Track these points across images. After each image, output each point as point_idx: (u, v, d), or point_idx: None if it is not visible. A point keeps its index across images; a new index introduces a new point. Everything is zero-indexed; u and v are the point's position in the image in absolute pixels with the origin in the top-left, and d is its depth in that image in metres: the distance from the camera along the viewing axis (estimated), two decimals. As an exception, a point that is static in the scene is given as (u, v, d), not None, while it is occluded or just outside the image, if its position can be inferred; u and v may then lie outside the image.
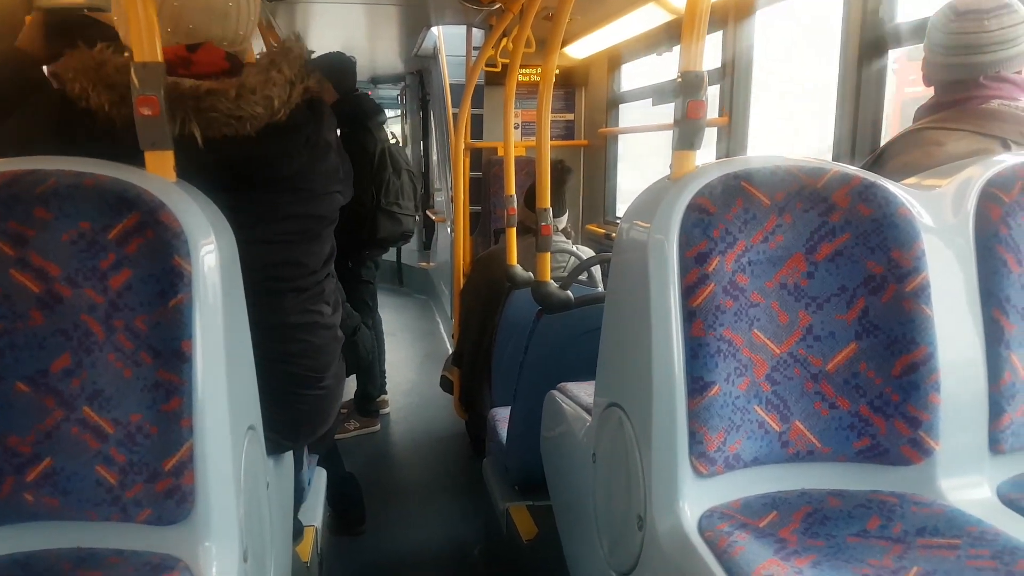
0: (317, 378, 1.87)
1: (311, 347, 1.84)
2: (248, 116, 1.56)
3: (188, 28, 1.60)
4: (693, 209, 1.36)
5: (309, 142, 1.69)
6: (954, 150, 1.73)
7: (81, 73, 1.49)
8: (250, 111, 1.56)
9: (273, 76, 1.60)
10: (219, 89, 1.54)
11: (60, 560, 1.21)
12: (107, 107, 1.48)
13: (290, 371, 1.81)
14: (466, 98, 4.28)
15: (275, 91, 1.59)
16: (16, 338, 1.23)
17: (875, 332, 1.36)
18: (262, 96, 1.58)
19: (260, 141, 1.60)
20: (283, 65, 1.63)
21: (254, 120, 1.57)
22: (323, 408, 1.96)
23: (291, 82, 1.63)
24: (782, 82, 3.86)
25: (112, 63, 1.50)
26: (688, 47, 1.40)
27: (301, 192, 1.72)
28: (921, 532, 1.24)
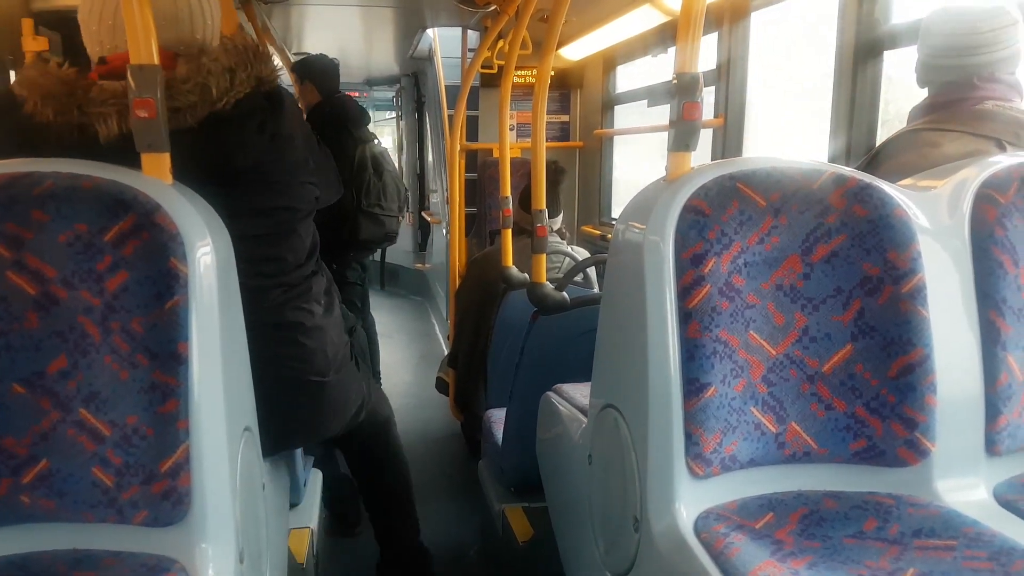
0: (313, 383, 1.86)
1: (304, 350, 1.83)
2: (184, 106, 1.53)
3: (163, 41, 1.54)
4: (689, 210, 1.36)
5: (265, 131, 1.65)
6: (949, 151, 1.73)
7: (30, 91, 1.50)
8: (184, 100, 1.52)
9: (205, 64, 1.56)
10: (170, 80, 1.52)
11: (56, 562, 1.21)
12: (52, 117, 1.48)
13: (281, 374, 1.79)
14: (461, 100, 4.28)
15: (211, 79, 1.55)
16: (12, 340, 1.23)
17: (871, 333, 1.36)
18: (195, 84, 1.54)
19: (205, 132, 1.56)
20: (219, 54, 1.59)
21: (192, 110, 1.54)
22: (320, 413, 1.95)
23: (230, 70, 1.59)
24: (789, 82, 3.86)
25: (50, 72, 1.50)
26: (683, 49, 1.41)
27: (265, 185, 1.70)
28: (917, 533, 1.25)
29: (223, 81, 1.57)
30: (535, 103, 2.67)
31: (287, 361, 1.81)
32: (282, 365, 1.79)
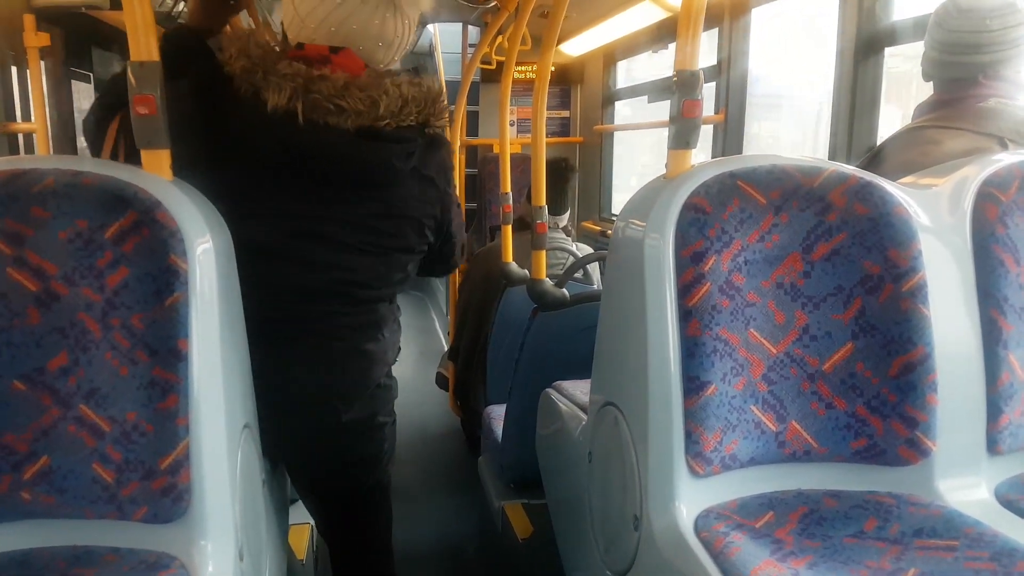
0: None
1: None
2: (349, 109, 1.60)
3: (358, 49, 1.68)
4: (689, 208, 1.36)
5: (408, 159, 1.71)
6: (951, 149, 1.73)
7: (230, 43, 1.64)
8: (352, 105, 1.60)
9: (385, 84, 1.64)
10: (330, 76, 1.60)
11: (56, 558, 1.21)
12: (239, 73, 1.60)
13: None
14: (462, 95, 4.27)
15: (384, 98, 1.62)
16: (13, 336, 1.22)
17: (872, 332, 1.36)
18: (367, 95, 1.61)
19: (356, 138, 1.63)
20: (401, 81, 1.67)
21: (355, 116, 1.61)
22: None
23: (405, 99, 1.65)
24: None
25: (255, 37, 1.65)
26: (683, 45, 1.40)
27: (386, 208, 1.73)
28: (919, 533, 1.25)
29: (394, 104, 1.64)
30: (535, 99, 2.67)
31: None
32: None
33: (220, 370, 1.29)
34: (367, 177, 1.69)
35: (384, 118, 1.63)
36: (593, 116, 5.46)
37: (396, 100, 1.64)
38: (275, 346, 1.65)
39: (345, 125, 1.61)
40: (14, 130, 2.99)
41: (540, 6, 3.22)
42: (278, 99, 1.57)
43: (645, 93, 4.74)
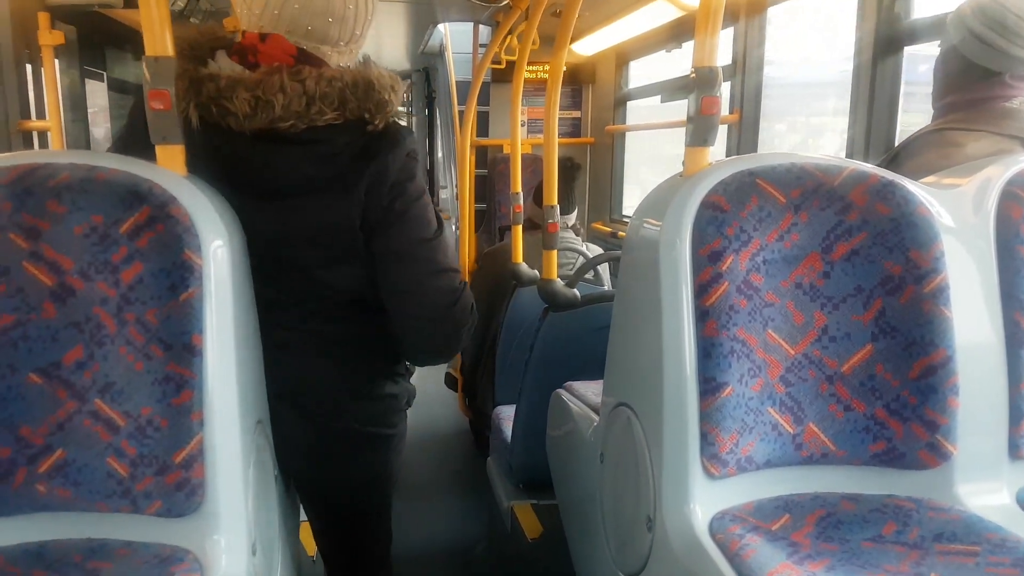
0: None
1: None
2: (235, 111, 1.47)
3: (306, 30, 1.55)
4: (706, 206, 1.34)
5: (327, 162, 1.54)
6: (973, 151, 1.70)
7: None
8: (238, 107, 1.47)
9: (279, 80, 1.48)
10: (217, 75, 1.49)
11: (71, 551, 1.21)
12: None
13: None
14: (472, 95, 4.27)
15: (279, 97, 1.47)
16: (29, 330, 1.22)
17: (892, 334, 1.35)
18: (253, 96, 1.47)
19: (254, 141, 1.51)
20: (307, 75, 1.50)
21: (245, 119, 1.48)
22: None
23: (311, 96, 1.49)
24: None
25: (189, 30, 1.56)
26: (702, 42, 1.39)
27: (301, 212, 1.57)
28: (939, 538, 1.23)
29: (296, 104, 1.48)
30: (548, 99, 2.66)
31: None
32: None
33: (234, 365, 1.29)
34: (268, 184, 1.54)
35: (285, 119, 1.48)
36: (604, 116, 5.45)
37: (298, 98, 1.48)
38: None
39: (242, 128, 1.48)
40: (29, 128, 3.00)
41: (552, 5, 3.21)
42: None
43: (658, 93, 4.73)
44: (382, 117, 1.57)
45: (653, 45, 4.61)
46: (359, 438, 1.74)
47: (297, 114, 1.49)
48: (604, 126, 5.44)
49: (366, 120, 1.55)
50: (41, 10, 2.92)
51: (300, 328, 1.64)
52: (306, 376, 1.66)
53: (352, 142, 1.55)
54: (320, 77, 1.51)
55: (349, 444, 1.73)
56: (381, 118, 1.57)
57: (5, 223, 1.22)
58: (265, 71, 1.50)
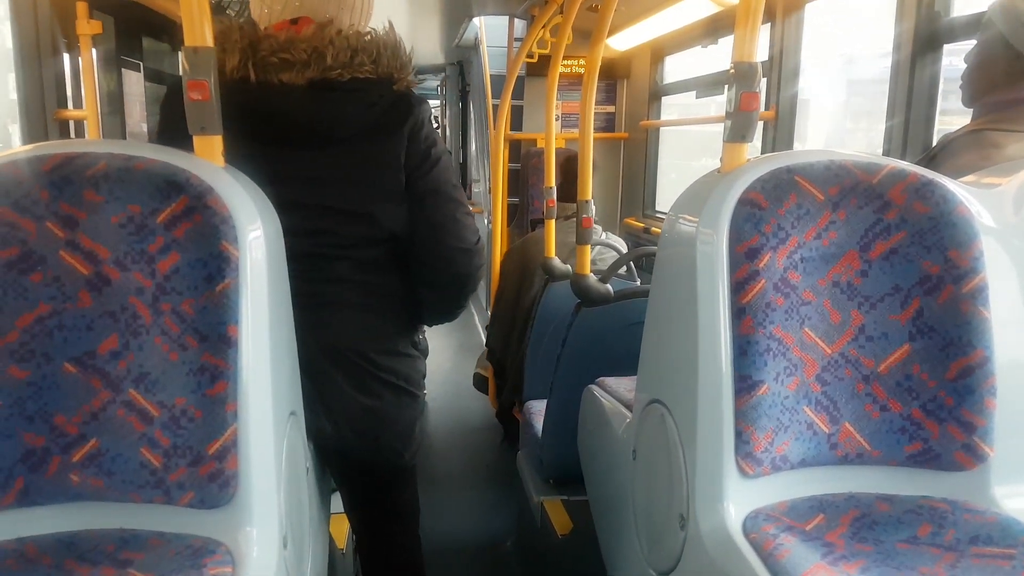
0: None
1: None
2: (295, 60, 1.65)
3: (325, 18, 1.73)
4: (744, 203, 1.33)
5: (368, 110, 1.72)
6: (1013, 153, 1.67)
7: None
8: (297, 56, 1.65)
9: (328, 34, 1.67)
10: (274, 34, 1.67)
11: (103, 541, 1.22)
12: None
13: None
14: (507, 89, 4.27)
15: (330, 48, 1.66)
16: (65, 319, 1.23)
17: (930, 334, 1.33)
18: (310, 46, 1.66)
19: (308, 90, 1.67)
20: (349, 33, 1.71)
21: (302, 68, 1.65)
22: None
23: (354, 49, 1.69)
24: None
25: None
26: (742, 36, 1.38)
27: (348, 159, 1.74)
28: (974, 540, 1.21)
29: (343, 55, 1.68)
30: (584, 93, 2.65)
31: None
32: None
33: (268, 357, 1.29)
34: (324, 130, 1.71)
35: (334, 68, 1.67)
36: (639, 111, 5.42)
37: (344, 50, 1.68)
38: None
39: (297, 81, 1.66)
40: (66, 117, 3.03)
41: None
42: (232, 62, 1.63)
43: (693, 88, 4.70)
44: (404, 78, 1.78)
45: (689, 41, 4.58)
46: (394, 394, 1.86)
47: (343, 64, 1.68)
48: (638, 121, 5.41)
49: (393, 79, 1.76)
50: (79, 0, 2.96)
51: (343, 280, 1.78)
52: (349, 335, 1.79)
53: (384, 96, 1.75)
54: (359, 34, 1.73)
55: (387, 400, 1.85)
56: (403, 79, 1.78)
57: (43, 212, 1.23)
58: (316, 27, 1.69)
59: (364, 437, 1.87)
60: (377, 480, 2.03)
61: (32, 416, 1.23)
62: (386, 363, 1.84)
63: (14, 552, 1.19)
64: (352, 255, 1.78)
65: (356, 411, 1.81)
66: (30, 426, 1.23)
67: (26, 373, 1.23)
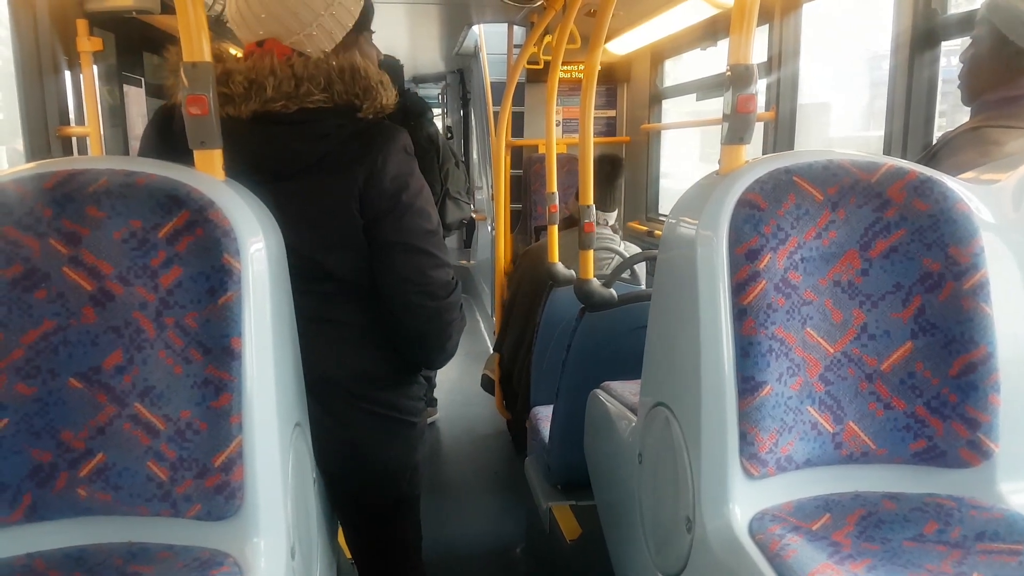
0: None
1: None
2: (231, 94, 1.57)
3: (288, 30, 1.64)
4: (743, 204, 1.33)
5: (318, 142, 1.61)
6: (1013, 150, 1.67)
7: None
8: (234, 90, 1.57)
9: (267, 63, 1.58)
10: (227, 66, 1.58)
11: (112, 555, 1.22)
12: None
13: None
14: (507, 96, 4.27)
15: (270, 79, 1.57)
16: (69, 335, 1.24)
17: (932, 331, 1.33)
18: (245, 79, 1.57)
19: (250, 124, 1.59)
20: (295, 60, 1.60)
21: (241, 102, 1.57)
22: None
23: (299, 78, 1.58)
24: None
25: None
26: (737, 39, 1.38)
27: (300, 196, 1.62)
28: (981, 537, 1.21)
29: (285, 85, 1.57)
30: (583, 98, 2.66)
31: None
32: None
33: (272, 369, 1.30)
34: (269, 166, 1.59)
35: (276, 99, 1.57)
36: (640, 115, 5.43)
37: (287, 79, 1.57)
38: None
39: (239, 114, 1.58)
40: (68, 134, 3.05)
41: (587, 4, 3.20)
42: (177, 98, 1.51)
43: (693, 91, 4.70)
44: (371, 105, 1.64)
45: (688, 43, 4.58)
46: (379, 424, 1.78)
47: (287, 95, 1.57)
48: (639, 125, 5.42)
49: (355, 106, 1.62)
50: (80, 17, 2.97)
51: (311, 317, 1.64)
52: (323, 365, 1.68)
53: (343, 125, 1.62)
54: (307, 61, 1.60)
55: (371, 431, 1.77)
56: (370, 106, 1.63)
57: (45, 229, 1.24)
58: (256, 56, 1.60)
59: (349, 470, 1.80)
60: (373, 512, 1.94)
61: (39, 432, 1.24)
62: (367, 392, 1.75)
63: (23, 568, 1.19)
64: (314, 289, 1.65)
65: (336, 444, 1.73)
66: (37, 442, 1.23)
67: (32, 390, 1.23)
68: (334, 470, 1.78)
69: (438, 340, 1.79)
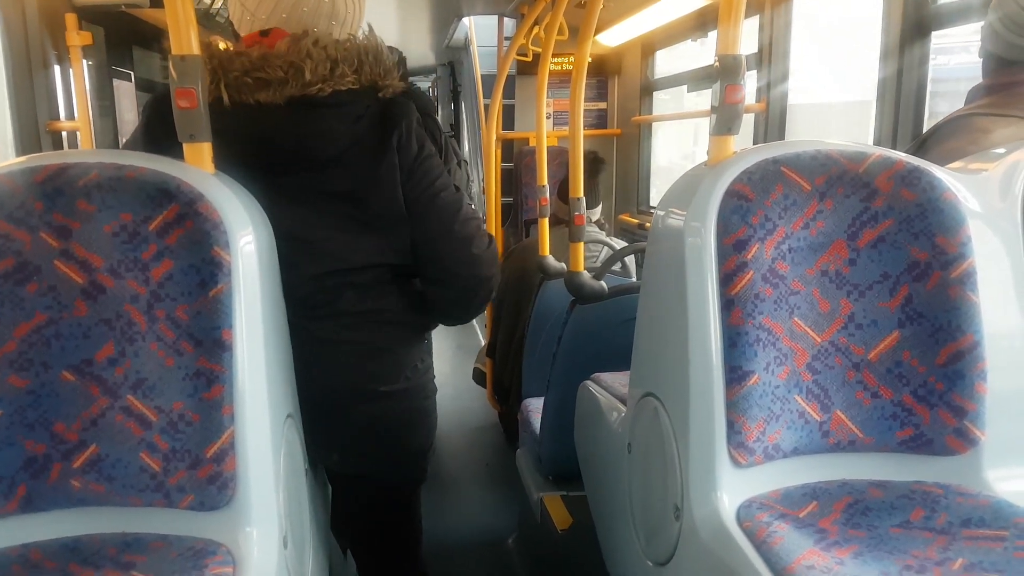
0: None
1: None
2: (271, 78, 1.56)
3: (312, 32, 1.63)
4: (731, 195, 1.34)
5: (355, 123, 1.63)
6: (1001, 138, 1.67)
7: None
8: (273, 74, 1.55)
9: (305, 46, 1.58)
10: (246, 51, 1.57)
11: (106, 545, 1.23)
12: None
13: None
14: (498, 88, 4.27)
15: (308, 62, 1.57)
16: (61, 328, 1.25)
17: (919, 320, 1.34)
18: (286, 62, 1.56)
19: (288, 109, 1.58)
20: (327, 43, 1.60)
21: (280, 86, 1.56)
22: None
23: (334, 60, 1.59)
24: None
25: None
26: (725, 30, 1.38)
27: (340, 178, 1.65)
28: (966, 523, 1.22)
29: (322, 68, 1.58)
30: (572, 90, 2.66)
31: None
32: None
33: (263, 360, 1.31)
34: (311, 150, 1.62)
35: (314, 83, 1.58)
36: (631, 107, 5.43)
37: (323, 62, 1.58)
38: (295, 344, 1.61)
39: (275, 100, 1.57)
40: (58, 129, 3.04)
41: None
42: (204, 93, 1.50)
43: (684, 83, 4.71)
44: (391, 83, 1.67)
45: (679, 34, 4.59)
46: (410, 414, 1.84)
47: (323, 77, 1.58)
48: (630, 117, 5.42)
49: (377, 86, 1.65)
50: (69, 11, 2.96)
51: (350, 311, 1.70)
52: (341, 368, 1.72)
53: (371, 106, 1.65)
54: (337, 43, 1.62)
55: (401, 414, 1.82)
56: (389, 87, 1.67)
57: (36, 223, 1.24)
58: (289, 41, 1.58)
59: (374, 456, 1.83)
60: (387, 499, 1.96)
61: (32, 424, 1.24)
62: (404, 376, 1.79)
63: (19, 558, 1.20)
64: (356, 281, 1.70)
65: (361, 430, 1.78)
66: (31, 434, 1.24)
67: (25, 382, 1.24)
68: (354, 457, 1.82)
69: (476, 294, 1.84)
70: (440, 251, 1.74)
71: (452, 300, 1.83)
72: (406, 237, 1.72)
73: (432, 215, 1.73)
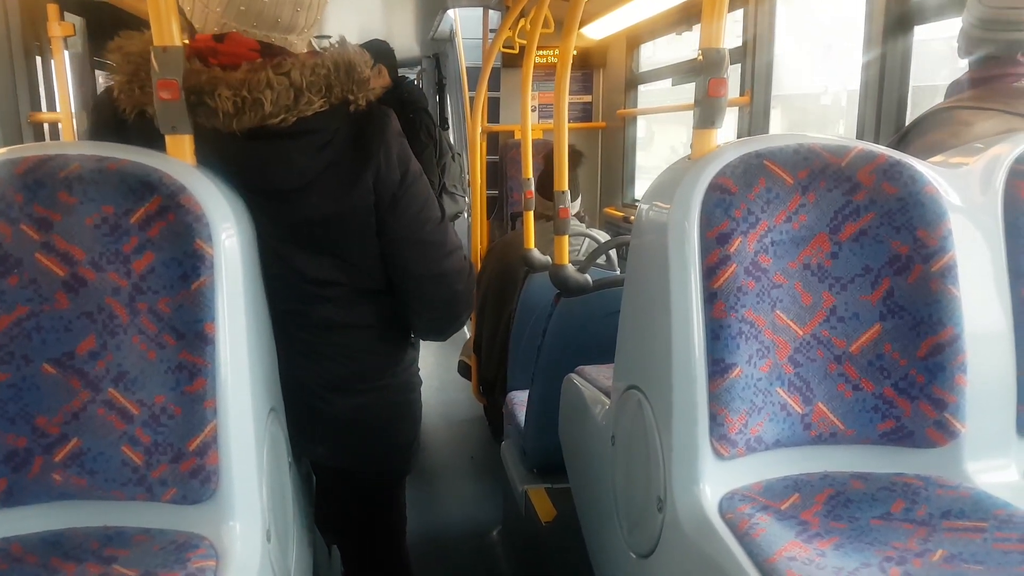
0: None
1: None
2: (217, 108, 1.44)
3: (275, 21, 1.51)
4: (714, 189, 1.34)
5: (321, 152, 1.53)
6: (982, 131, 1.69)
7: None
8: (222, 105, 1.43)
9: (266, 76, 1.45)
10: (197, 70, 1.45)
11: (88, 538, 1.22)
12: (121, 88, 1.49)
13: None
14: (483, 81, 4.26)
15: (268, 93, 1.44)
16: (42, 321, 1.24)
17: (900, 313, 1.35)
18: (238, 96, 1.44)
19: (245, 141, 1.48)
20: (290, 66, 1.47)
21: (232, 119, 1.45)
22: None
23: (299, 89, 1.47)
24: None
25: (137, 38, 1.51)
26: (709, 24, 1.39)
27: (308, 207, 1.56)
28: (947, 515, 1.23)
29: (284, 98, 1.46)
30: (557, 83, 2.66)
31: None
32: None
33: (246, 354, 1.30)
34: (272, 181, 1.52)
35: (275, 114, 1.46)
36: (616, 100, 5.43)
37: (286, 91, 1.45)
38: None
39: (231, 128, 1.45)
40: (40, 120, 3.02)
41: (562, -12, 3.20)
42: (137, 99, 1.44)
43: (668, 76, 4.71)
44: (364, 95, 1.57)
45: (664, 28, 4.59)
46: (395, 407, 1.83)
47: (286, 107, 1.47)
48: (615, 110, 5.42)
49: (348, 101, 1.55)
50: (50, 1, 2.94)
51: (324, 325, 1.68)
52: (337, 371, 1.72)
53: (340, 128, 1.54)
54: (304, 66, 1.49)
55: (383, 408, 1.80)
56: (363, 96, 1.56)
57: (17, 215, 1.23)
58: (248, 68, 1.46)
59: (358, 450, 1.82)
60: (371, 491, 1.95)
61: (13, 417, 1.23)
62: (381, 379, 1.78)
63: (0, 552, 1.19)
64: (330, 295, 1.65)
65: (346, 424, 1.76)
66: (12, 427, 1.23)
67: (6, 375, 1.23)
68: (340, 450, 1.81)
69: (449, 326, 1.83)
70: (423, 290, 1.70)
71: (427, 328, 1.83)
72: (379, 270, 1.67)
73: (416, 256, 1.67)
